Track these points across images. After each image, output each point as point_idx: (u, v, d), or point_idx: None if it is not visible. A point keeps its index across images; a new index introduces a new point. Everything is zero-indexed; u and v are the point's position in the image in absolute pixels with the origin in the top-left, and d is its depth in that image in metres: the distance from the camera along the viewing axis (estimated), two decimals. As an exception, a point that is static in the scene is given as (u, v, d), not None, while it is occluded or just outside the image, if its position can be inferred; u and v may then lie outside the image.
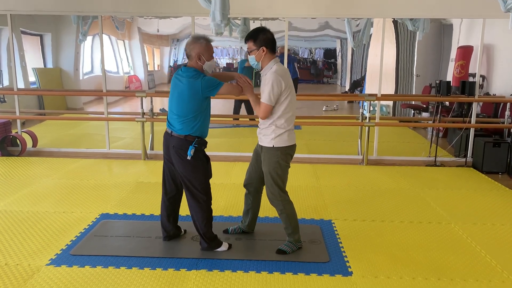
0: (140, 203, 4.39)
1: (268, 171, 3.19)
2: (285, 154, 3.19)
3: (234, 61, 10.79)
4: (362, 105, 6.38)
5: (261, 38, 3.12)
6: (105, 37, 9.05)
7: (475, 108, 6.14)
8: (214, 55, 3.20)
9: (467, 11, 5.77)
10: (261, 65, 3.18)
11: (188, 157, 3.07)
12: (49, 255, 3.25)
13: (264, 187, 3.35)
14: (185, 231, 3.60)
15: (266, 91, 3.06)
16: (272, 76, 3.05)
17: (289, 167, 3.27)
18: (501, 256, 3.34)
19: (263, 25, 9.13)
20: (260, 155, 3.30)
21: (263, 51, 3.12)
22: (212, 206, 3.30)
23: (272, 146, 3.16)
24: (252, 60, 3.18)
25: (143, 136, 6.11)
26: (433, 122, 6.48)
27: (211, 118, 3.29)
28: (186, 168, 3.14)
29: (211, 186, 3.30)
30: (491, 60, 7.28)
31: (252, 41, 3.14)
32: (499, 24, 6.38)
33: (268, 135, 3.16)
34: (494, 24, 6.57)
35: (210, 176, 3.28)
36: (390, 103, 9.40)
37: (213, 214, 3.32)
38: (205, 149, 3.24)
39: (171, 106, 3.17)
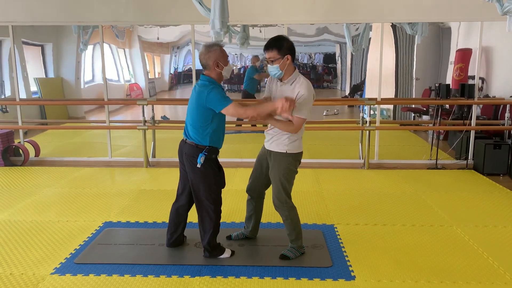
0: (142, 210, 4.41)
1: (278, 177, 3.18)
2: (296, 160, 3.20)
3: (234, 67, 10.82)
4: (363, 109, 6.40)
5: (285, 46, 3.04)
6: (105, 46, 9.11)
7: (475, 111, 6.16)
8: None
9: (464, 14, 5.81)
10: (284, 75, 3.08)
11: (198, 165, 3.09)
12: (53, 264, 3.27)
13: (266, 192, 3.36)
14: (185, 237, 3.61)
15: (304, 108, 3.01)
16: (307, 93, 3.01)
17: (297, 173, 3.28)
18: (503, 258, 3.35)
19: (262, 31, 9.16)
20: (265, 161, 3.30)
21: (287, 59, 3.04)
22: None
23: (285, 151, 3.15)
24: (274, 69, 3.05)
25: (144, 144, 6.15)
26: (434, 125, 6.50)
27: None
28: (196, 176, 3.15)
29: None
30: (490, 62, 7.31)
31: (276, 50, 3.02)
32: (498, 26, 6.41)
33: (281, 140, 3.15)
34: (493, 27, 6.60)
35: (222, 185, 3.28)
36: (391, 106, 9.42)
37: (216, 221, 3.33)
38: (218, 159, 3.25)
39: (187, 113, 3.19)
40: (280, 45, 3.03)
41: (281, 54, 3.02)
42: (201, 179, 3.15)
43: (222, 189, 3.30)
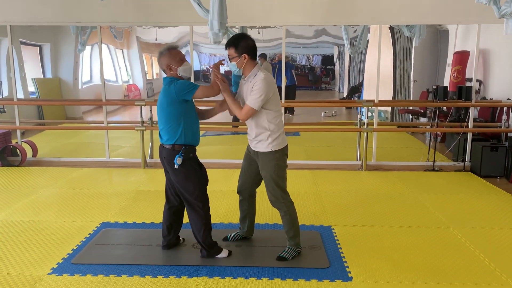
0: (140, 211, 4.41)
1: (269, 175, 3.22)
2: (283, 154, 3.25)
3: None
4: (360, 111, 6.41)
5: (242, 45, 3.11)
6: (104, 46, 9.12)
7: (472, 113, 6.18)
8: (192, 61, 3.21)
9: (462, 17, 5.83)
10: (244, 72, 3.19)
11: (176, 166, 3.11)
12: (50, 264, 3.27)
13: (263, 191, 3.37)
14: (183, 239, 3.61)
15: (254, 97, 3.06)
16: (261, 84, 3.05)
17: (287, 167, 3.31)
18: (500, 259, 3.36)
19: (261, 33, 9.16)
20: (253, 160, 3.34)
21: (245, 58, 3.12)
22: (211, 213, 3.33)
23: (270, 150, 3.19)
24: (233, 66, 3.18)
25: (142, 144, 6.15)
26: (431, 127, 6.52)
27: (211, 126, 3.33)
28: (178, 177, 3.18)
29: (210, 193, 3.33)
30: (488, 64, 7.33)
31: (233, 48, 3.12)
32: (495, 29, 6.44)
33: (265, 140, 3.19)
34: (490, 29, 6.63)
35: (205, 183, 3.30)
36: (388, 108, 9.45)
37: (213, 222, 3.34)
38: (197, 156, 3.27)
39: (158, 120, 3.24)
40: (237, 43, 3.12)
41: (238, 52, 3.12)
42: (184, 180, 3.18)
43: (220, 191, 3.31)
